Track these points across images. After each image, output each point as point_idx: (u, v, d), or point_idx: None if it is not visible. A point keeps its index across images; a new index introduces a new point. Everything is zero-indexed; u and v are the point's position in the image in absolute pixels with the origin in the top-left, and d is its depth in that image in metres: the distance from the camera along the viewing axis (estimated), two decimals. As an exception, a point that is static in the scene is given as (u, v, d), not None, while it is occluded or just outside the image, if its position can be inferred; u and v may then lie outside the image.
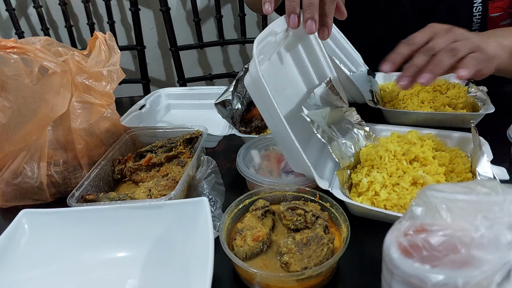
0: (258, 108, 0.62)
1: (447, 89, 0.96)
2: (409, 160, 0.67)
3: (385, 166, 0.66)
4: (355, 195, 0.65)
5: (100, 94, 0.73)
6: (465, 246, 0.35)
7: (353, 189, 0.67)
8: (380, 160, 0.67)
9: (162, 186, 0.67)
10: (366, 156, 0.70)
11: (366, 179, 0.65)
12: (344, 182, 0.65)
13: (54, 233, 0.57)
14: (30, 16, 1.65)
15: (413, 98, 0.94)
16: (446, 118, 0.86)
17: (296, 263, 0.51)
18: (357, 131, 0.76)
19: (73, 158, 0.73)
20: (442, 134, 0.75)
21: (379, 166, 0.67)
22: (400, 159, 0.67)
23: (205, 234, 0.52)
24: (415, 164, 0.66)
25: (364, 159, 0.70)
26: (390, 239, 0.39)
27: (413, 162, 0.67)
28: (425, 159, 0.66)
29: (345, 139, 0.72)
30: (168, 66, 1.85)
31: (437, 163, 0.66)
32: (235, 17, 1.72)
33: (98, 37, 0.74)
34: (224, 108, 0.85)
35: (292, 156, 0.63)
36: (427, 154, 0.67)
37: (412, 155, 0.67)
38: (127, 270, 0.56)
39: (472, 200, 0.37)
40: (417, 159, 0.67)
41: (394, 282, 0.38)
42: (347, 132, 0.74)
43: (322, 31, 0.65)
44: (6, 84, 0.62)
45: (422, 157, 0.66)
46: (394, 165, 0.66)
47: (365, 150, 0.72)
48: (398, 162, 0.66)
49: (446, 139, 0.75)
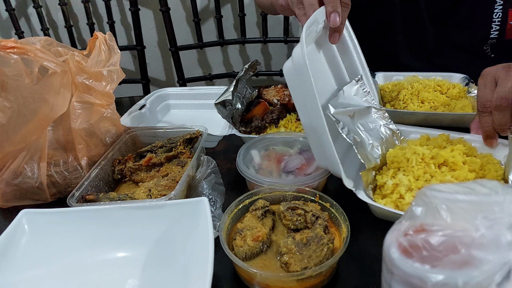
0: (293, 95, 0.61)
1: (447, 89, 0.96)
2: (437, 164, 0.64)
3: (412, 169, 0.64)
4: (379, 197, 0.63)
5: (100, 94, 0.73)
6: (465, 246, 0.35)
7: (377, 190, 0.65)
8: (407, 163, 0.65)
9: (162, 186, 0.67)
10: (393, 158, 0.68)
11: (391, 181, 0.63)
12: (368, 183, 0.63)
13: (54, 233, 0.57)
14: (30, 16, 1.65)
15: (413, 98, 0.93)
16: (445, 118, 0.85)
17: (296, 263, 0.51)
18: (385, 131, 0.73)
19: (73, 158, 0.73)
20: (473, 139, 0.72)
21: (405, 168, 0.65)
22: (428, 163, 0.64)
23: (205, 234, 0.52)
24: (444, 168, 0.64)
25: (391, 161, 0.68)
26: (390, 239, 0.39)
27: (442, 167, 0.64)
28: (455, 164, 0.64)
29: (372, 140, 0.70)
30: (168, 66, 1.85)
31: (467, 169, 0.63)
32: (235, 17, 1.72)
33: (98, 37, 0.74)
34: (224, 108, 0.85)
35: (321, 150, 0.60)
36: (457, 159, 0.64)
37: (441, 159, 0.64)
38: (127, 270, 0.56)
39: (472, 200, 0.37)
40: (446, 163, 0.65)
41: (394, 282, 0.38)
42: (375, 132, 0.72)
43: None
44: (6, 84, 0.62)
45: (451, 161, 0.64)
46: (422, 168, 0.64)
47: (393, 152, 0.69)
48: (426, 166, 0.64)
49: (477, 144, 0.71)
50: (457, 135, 0.73)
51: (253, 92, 0.93)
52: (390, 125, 0.74)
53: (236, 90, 0.87)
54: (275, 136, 0.79)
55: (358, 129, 0.68)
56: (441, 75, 1.00)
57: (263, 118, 0.89)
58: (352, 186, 0.62)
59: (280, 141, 0.78)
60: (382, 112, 0.74)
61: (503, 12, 1.01)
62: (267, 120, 0.88)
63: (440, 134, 0.73)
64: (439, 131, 0.74)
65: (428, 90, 0.95)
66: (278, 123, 0.90)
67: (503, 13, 1.01)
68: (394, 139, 0.74)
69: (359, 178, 0.65)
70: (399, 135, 0.74)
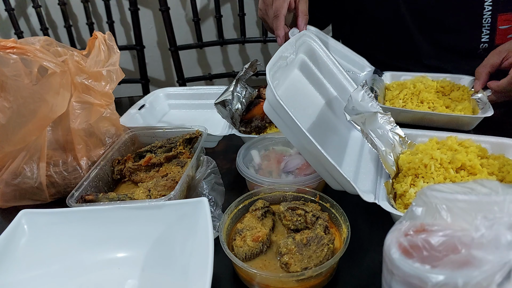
0: (284, 133, 0.61)
1: (451, 91, 0.95)
2: (455, 169, 0.63)
3: (431, 176, 0.62)
4: (401, 206, 0.61)
5: (100, 94, 0.73)
6: (465, 246, 0.35)
7: (398, 200, 0.63)
8: (425, 169, 0.63)
9: (161, 186, 0.67)
10: (408, 164, 0.66)
11: (413, 190, 0.61)
12: (388, 192, 0.61)
13: (54, 233, 0.57)
14: (30, 16, 1.65)
15: (413, 98, 0.93)
16: (441, 119, 0.85)
17: (296, 263, 0.51)
18: (392, 136, 0.71)
19: (72, 159, 0.73)
20: (480, 140, 0.71)
21: (424, 175, 0.63)
22: (446, 168, 0.63)
23: (205, 234, 0.52)
24: (462, 173, 0.62)
25: (407, 167, 0.66)
26: (391, 239, 0.39)
27: (459, 171, 0.63)
28: (473, 168, 0.62)
29: (385, 146, 0.68)
30: (167, 66, 1.85)
31: (486, 172, 0.62)
32: (234, 17, 1.72)
33: (97, 37, 0.74)
34: (224, 108, 0.85)
35: (330, 174, 0.60)
36: (474, 162, 0.62)
37: (459, 163, 0.62)
38: (126, 271, 0.56)
39: (472, 200, 0.37)
40: (463, 167, 0.63)
41: (394, 282, 0.38)
42: (384, 138, 0.70)
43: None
44: (6, 84, 0.62)
45: (469, 165, 0.62)
46: (441, 174, 0.62)
47: (405, 158, 0.68)
48: (445, 171, 0.62)
49: (486, 145, 0.70)
50: (464, 136, 0.72)
51: (253, 92, 0.93)
52: (396, 129, 0.73)
53: (236, 90, 0.87)
54: (275, 136, 0.79)
55: (371, 137, 0.67)
56: (451, 76, 0.99)
57: (263, 118, 0.89)
58: (373, 199, 0.59)
59: (280, 141, 0.78)
60: (388, 116, 0.73)
61: (492, 18, 1.03)
62: (267, 120, 0.88)
63: (449, 137, 0.71)
64: (446, 134, 0.73)
65: (429, 90, 0.95)
66: (277, 123, 0.90)
67: (492, 18, 1.03)
68: (401, 144, 0.72)
69: (375, 187, 0.63)
70: (405, 139, 0.73)
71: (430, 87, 0.95)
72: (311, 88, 0.74)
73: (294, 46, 0.66)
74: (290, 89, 0.66)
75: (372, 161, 0.70)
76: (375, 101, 0.71)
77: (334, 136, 0.61)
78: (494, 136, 0.72)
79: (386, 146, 0.69)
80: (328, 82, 0.76)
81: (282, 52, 0.62)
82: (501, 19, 1.03)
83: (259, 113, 0.90)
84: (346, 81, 0.78)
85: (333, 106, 0.77)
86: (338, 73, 0.76)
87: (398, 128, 0.73)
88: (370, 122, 0.69)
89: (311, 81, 0.73)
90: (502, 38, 1.03)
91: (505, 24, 1.03)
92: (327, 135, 0.64)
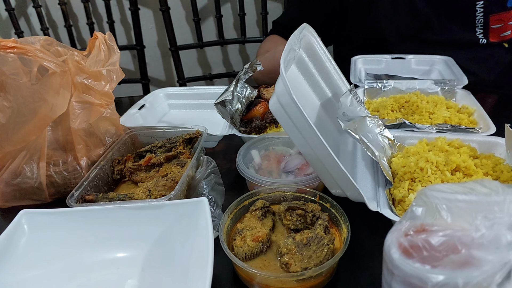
0: (289, 134, 0.56)
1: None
2: (450, 171, 0.62)
3: (429, 179, 0.61)
4: (401, 212, 0.60)
5: (100, 94, 0.72)
6: (465, 246, 0.35)
7: (398, 206, 0.61)
8: (421, 173, 0.62)
9: (161, 186, 0.66)
10: (403, 168, 0.64)
11: (412, 195, 0.59)
12: (388, 199, 0.60)
13: (54, 233, 0.57)
14: (30, 16, 1.65)
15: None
16: None
17: (296, 263, 0.51)
18: (382, 140, 0.70)
19: (72, 158, 0.73)
20: (468, 139, 0.70)
21: (421, 179, 0.62)
22: (442, 170, 0.62)
23: (205, 234, 0.52)
24: (458, 174, 0.61)
25: (402, 171, 0.64)
26: (391, 239, 0.39)
27: (455, 173, 0.62)
28: (467, 169, 0.61)
29: (378, 151, 0.66)
30: (167, 65, 1.85)
31: (481, 172, 0.61)
32: (235, 17, 1.72)
33: (98, 37, 0.74)
34: (224, 108, 0.85)
35: (337, 182, 0.57)
36: (468, 163, 0.62)
37: (453, 164, 0.61)
38: (126, 271, 0.56)
39: (472, 200, 0.37)
40: (458, 168, 0.62)
41: (394, 282, 0.38)
42: (375, 143, 0.69)
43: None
44: (6, 83, 0.62)
45: (463, 166, 0.61)
46: (438, 177, 0.61)
47: (398, 161, 0.66)
48: (442, 174, 0.61)
49: (474, 144, 0.69)
50: (453, 136, 0.71)
51: (253, 92, 0.93)
52: (384, 132, 0.71)
53: (236, 90, 0.87)
54: (275, 136, 0.79)
55: (367, 144, 0.65)
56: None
57: (263, 118, 0.89)
58: (376, 207, 0.58)
59: (280, 141, 0.78)
60: (376, 120, 0.71)
61: (484, 18, 1.10)
62: (267, 120, 0.88)
63: (438, 137, 0.70)
64: (435, 135, 0.72)
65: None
66: (278, 123, 0.90)
67: (485, 19, 1.10)
68: (390, 147, 0.71)
69: (375, 193, 0.62)
70: (394, 142, 0.72)
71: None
72: (307, 87, 0.72)
73: (298, 39, 0.64)
74: (291, 83, 0.65)
75: (367, 167, 0.69)
76: (362, 105, 0.70)
77: (328, 139, 0.60)
78: (480, 134, 0.72)
79: (379, 151, 0.67)
80: (323, 81, 0.74)
81: (291, 44, 0.60)
82: (493, 20, 1.10)
83: (259, 113, 0.90)
84: (340, 81, 0.77)
85: (327, 108, 0.75)
86: (333, 72, 0.76)
87: (387, 131, 0.71)
88: (361, 128, 0.68)
89: (307, 79, 0.71)
90: (495, 36, 1.11)
91: (497, 23, 1.10)
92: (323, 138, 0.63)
